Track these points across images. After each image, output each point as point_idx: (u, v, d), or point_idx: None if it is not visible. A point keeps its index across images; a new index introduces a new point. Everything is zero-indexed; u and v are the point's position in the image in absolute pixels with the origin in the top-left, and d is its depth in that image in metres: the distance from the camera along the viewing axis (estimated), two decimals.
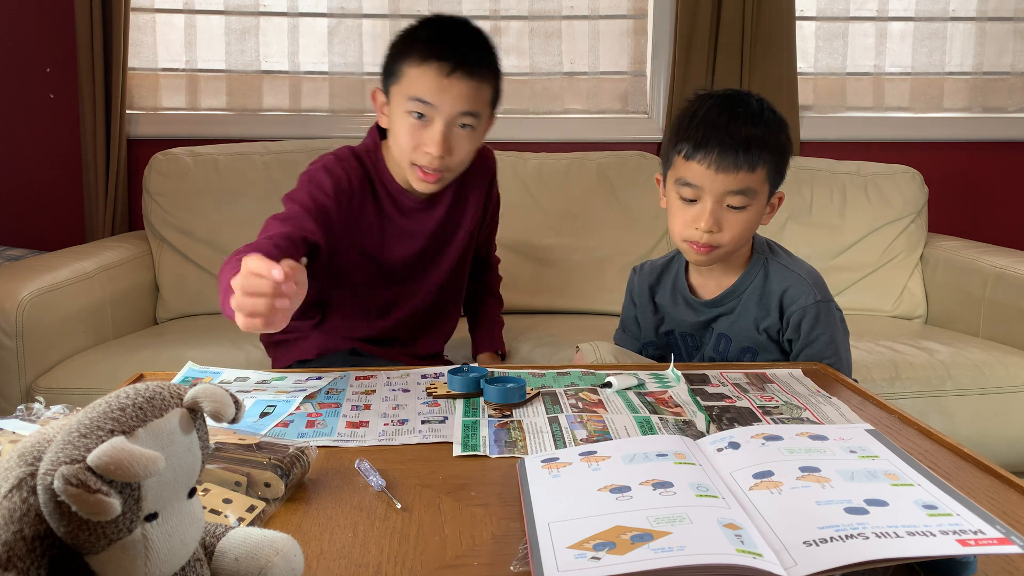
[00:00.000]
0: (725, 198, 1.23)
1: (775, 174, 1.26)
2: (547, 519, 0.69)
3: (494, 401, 1.06)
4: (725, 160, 1.20)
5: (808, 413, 1.04)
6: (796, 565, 0.59)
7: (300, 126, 2.53)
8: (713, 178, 1.22)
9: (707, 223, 1.23)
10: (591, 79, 2.63)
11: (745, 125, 1.22)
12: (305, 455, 0.84)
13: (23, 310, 1.74)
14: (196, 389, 0.55)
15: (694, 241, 1.26)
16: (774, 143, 1.24)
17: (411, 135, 1.31)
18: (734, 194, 1.23)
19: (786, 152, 1.28)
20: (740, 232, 1.25)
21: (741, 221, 1.24)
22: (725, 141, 1.20)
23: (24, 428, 0.86)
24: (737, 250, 1.31)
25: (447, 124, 1.30)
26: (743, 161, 1.20)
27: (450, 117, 1.29)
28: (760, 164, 1.22)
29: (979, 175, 2.73)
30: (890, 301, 2.38)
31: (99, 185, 2.42)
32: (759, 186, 1.24)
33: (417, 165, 1.33)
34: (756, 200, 1.25)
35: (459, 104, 1.29)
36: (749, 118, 1.23)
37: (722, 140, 1.21)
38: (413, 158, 1.33)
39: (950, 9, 2.67)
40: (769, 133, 1.24)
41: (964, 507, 0.65)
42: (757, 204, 1.25)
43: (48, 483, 0.48)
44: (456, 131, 1.31)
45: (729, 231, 1.24)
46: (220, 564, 0.58)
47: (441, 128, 1.29)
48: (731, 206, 1.24)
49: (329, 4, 2.54)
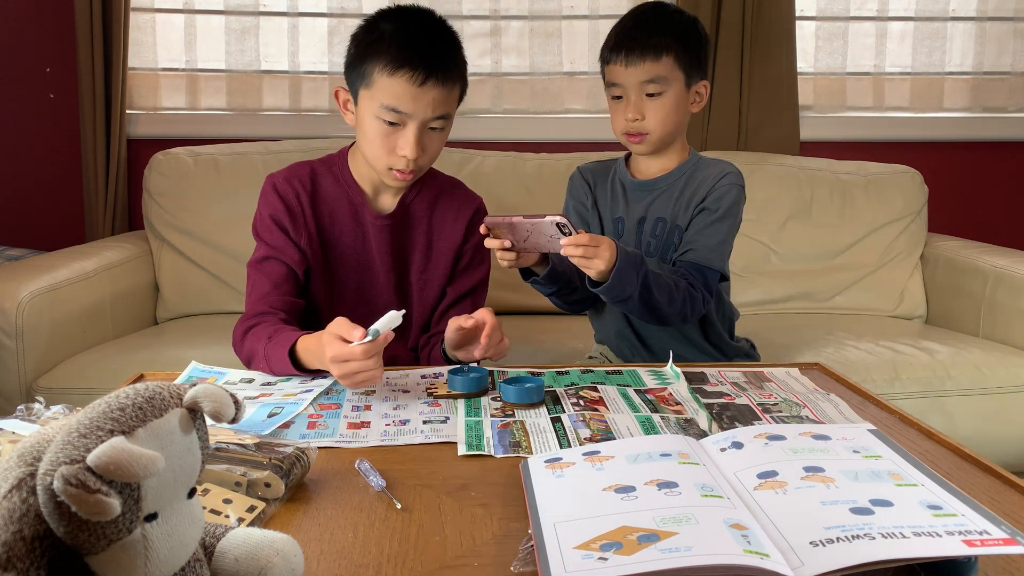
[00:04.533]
0: (642, 88, 1.43)
1: (685, 62, 1.44)
2: (553, 519, 0.69)
3: (512, 401, 1.05)
4: (632, 55, 1.42)
5: (807, 411, 1.04)
6: (803, 565, 0.59)
7: (300, 126, 2.52)
8: (625, 72, 1.43)
9: (632, 112, 1.44)
10: (591, 79, 2.62)
11: (648, 26, 1.44)
12: (305, 455, 0.83)
13: (23, 310, 1.74)
14: (196, 389, 0.54)
15: (627, 132, 1.47)
16: (675, 35, 1.43)
17: (384, 141, 1.32)
18: (646, 83, 1.43)
19: (692, 42, 1.45)
20: (663, 116, 1.44)
21: (661, 106, 1.44)
22: (630, 42, 1.43)
23: (24, 428, 0.85)
24: (667, 136, 1.47)
25: (420, 128, 1.30)
26: (648, 53, 1.41)
27: (423, 122, 1.30)
28: (664, 53, 1.42)
29: (979, 175, 2.73)
30: (890, 301, 2.38)
31: (99, 185, 2.42)
32: (668, 73, 1.43)
33: (391, 168, 1.34)
34: (670, 87, 1.43)
35: (432, 109, 1.30)
36: (653, 21, 1.45)
37: (628, 41, 1.43)
38: (387, 162, 1.33)
39: (950, 9, 2.67)
40: (669, 29, 1.44)
41: (969, 507, 0.65)
42: (672, 90, 1.44)
43: (48, 483, 0.48)
44: (428, 133, 1.33)
45: (651, 117, 1.44)
46: (220, 564, 0.58)
47: (415, 132, 1.30)
48: (648, 94, 1.43)
49: (329, 4, 2.53)
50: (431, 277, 1.46)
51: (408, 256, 1.45)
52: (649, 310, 1.33)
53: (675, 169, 1.50)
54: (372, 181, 1.42)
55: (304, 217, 1.39)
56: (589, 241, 1.21)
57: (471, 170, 2.35)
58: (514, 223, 1.23)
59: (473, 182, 2.27)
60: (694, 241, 1.43)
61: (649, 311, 1.34)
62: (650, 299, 1.31)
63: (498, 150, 2.44)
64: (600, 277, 1.25)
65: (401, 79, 1.27)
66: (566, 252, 1.21)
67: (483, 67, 2.59)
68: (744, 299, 2.34)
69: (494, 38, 2.59)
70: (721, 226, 1.43)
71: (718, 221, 1.43)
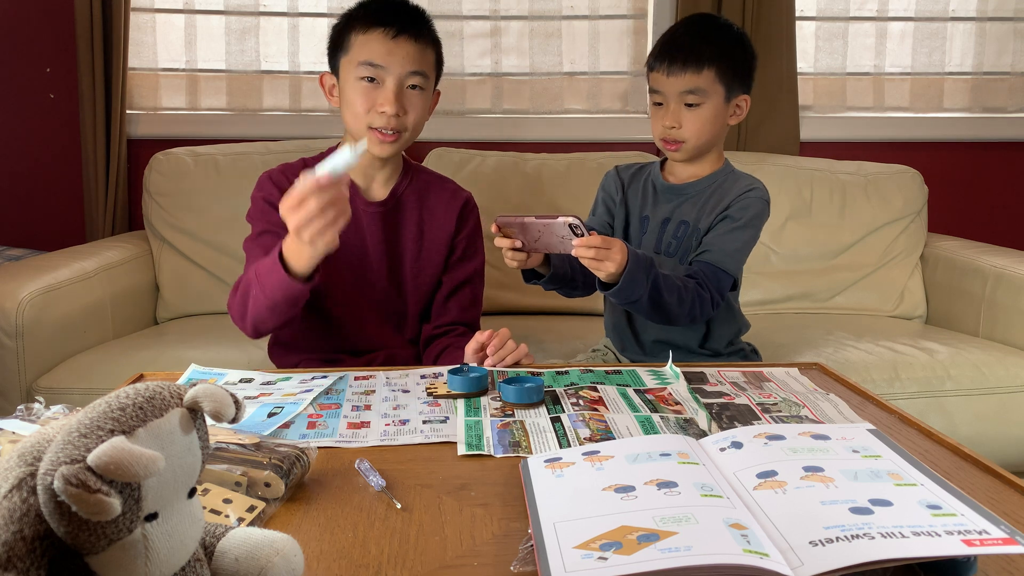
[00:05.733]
0: (681, 97, 1.46)
1: (727, 77, 1.46)
2: (552, 519, 0.69)
3: (512, 401, 1.05)
4: (674, 65, 1.45)
5: (807, 411, 1.04)
6: (803, 565, 0.59)
7: (300, 126, 2.52)
8: (666, 81, 1.46)
9: (670, 120, 1.47)
10: (591, 79, 2.62)
11: (694, 38, 1.46)
12: (305, 455, 0.83)
13: (23, 310, 1.74)
14: (196, 389, 0.54)
15: (664, 138, 1.49)
16: (720, 50, 1.45)
17: (364, 98, 1.36)
18: (686, 93, 1.45)
19: (736, 58, 1.47)
20: (700, 126, 1.46)
21: (699, 117, 1.46)
22: (674, 51, 1.46)
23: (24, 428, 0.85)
24: (702, 146, 1.49)
25: (398, 83, 1.36)
26: (691, 64, 1.44)
27: (400, 77, 1.36)
28: (707, 66, 1.44)
29: (979, 175, 2.73)
30: (890, 301, 2.38)
31: (99, 185, 2.42)
32: (709, 86, 1.45)
33: (374, 128, 1.37)
34: (709, 99, 1.46)
35: (407, 64, 1.35)
36: (700, 33, 1.48)
37: (672, 51, 1.46)
38: (369, 121, 1.37)
39: (950, 9, 2.67)
40: (715, 42, 1.46)
41: (968, 507, 0.65)
42: (711, 102, 1.46)
43: (48, 483, 0.48)
44: (407, 92, 1.37)
45: (688, 126, 1.46)
46: (220, 564, 0.58)
47: (393, 87, 1.35)
48: (687, 104, 1.46)
49: (329, 4, 2.53)
50: (424, 267, 1.49)
51: (401, 245, 1.48)
52: (658, 311, 1.34)
53: (706, 177, 1.52)
54: (363, 173, 1.45)
55: None
56: (601, 243, 1.21)
57: (471, 170, 2.35)
58: (526, 223, 1.23)
59: (473, 182, 2.30)
60: (712, 244, 1.45)
61: (658, 312, 1.34)
62: (659, 301, 1.32)
63: (498, 150, 2.44)
64: (611, 279, 1.26)
65: (375, 33, 1.36)
66: (577, 253, 1.21)
67: (483, 67, 2.59)
68: (744, 299, 2.32)
69: (494, 38, 2.59)
70: (742, 234, 1.45)
71: (739, 229, 1.45)
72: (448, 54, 1.53)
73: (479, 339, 1.24)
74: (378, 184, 1.47)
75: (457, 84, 2.58)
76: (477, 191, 1.61)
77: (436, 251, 1.49)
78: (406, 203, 1.48)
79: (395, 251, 1.47)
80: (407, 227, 1.48)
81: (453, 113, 2.59)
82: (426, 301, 1.51)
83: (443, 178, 1.56)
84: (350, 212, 1.11)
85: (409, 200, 1.49)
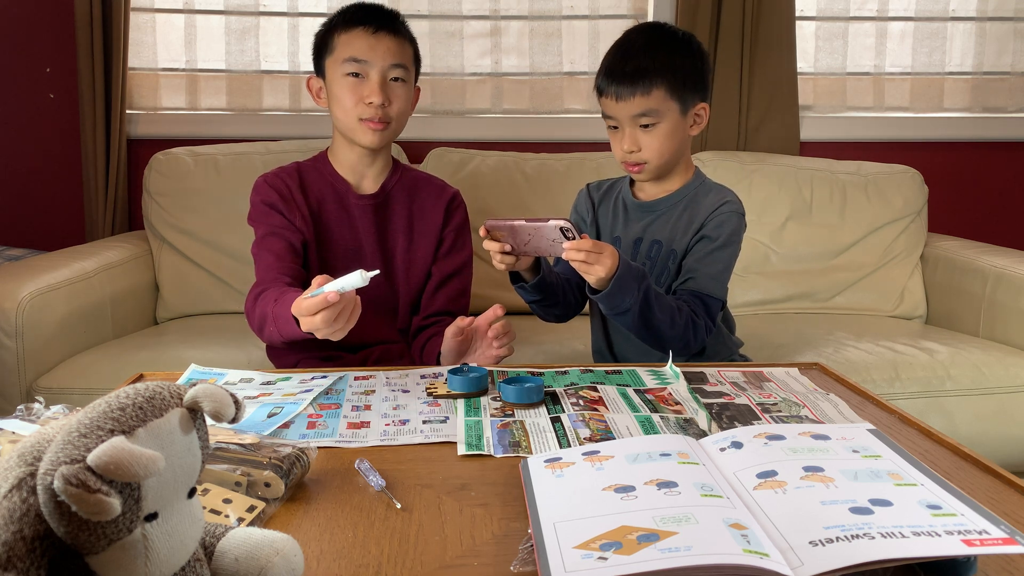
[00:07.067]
0: (635, 120, 1.41)
1: (678, 90, 1.40)
2: (552, 519, 0.69)
3: (512, 401, 1.05)
4: (622, 88, 1.40)
5: (807, 411, 1.04)
6: (803, 565, 0.59)
7: (300, 126, 2.52)
8: (616, 107, 1.41)
9: (628, 144, 1.42)
10: (591, 79, 2.60)
11: (634, 59, 1.40)
12: (305, 455, 0.83)
13: (23, 310, 1.74)
14: (196, 389, 0.54)
15: (626, 162, 1.45)
16: (665, 64, 1.39)
17: (352, 92, 1.45)
18: (638, 116, 1.40)
19: (685, 68, 1.41)
20: (659, 146, 1.42)
21: (656, 137, 1.41)
22: (618, 77, 1.40)
23: (24, 428, 0.85)
24: (665, 164, 1.45)
25: (382, 75, 1.45)
26: (638, 88, 1.39)
27: (383, 69, 1.45)
28: (655, 86, 1.38)
29: (979, 175, 2.73)
30: (890, 301, 2.38)
31: (99, 185, 2.42)
32: (660, 105, 1.40)
33: (364, 120, 1.45)
34: (664, 118, 1.41)
35: (389, 56, 1.45)
36: (644, 49, 1.41)
37: (616, 77, 1.40)
38: (358, 113, 1.45)
39: (950, 9, 2.67)
40: (659, 58, 1.39)
41: (968, 507, 0.65)
42: (667, 120, 1.41)
43: (48, 483, 0.48)
44: (390, 83, 1.46)
45: (648, 148, 1.42)
46: (220, 564, 0.58)
47: (377, 79, 1.44)
48: (642, 126, 1.41)
49: (329, 4, 2.53)
50: (415, 258, 1.55)
51: (392, 237, 1.54)
52: (648, 328, 1.31)
53: (676, 192, 1.48)
54: (353, 169, 1.54)
55: (296, 203, 1.49)
56: (592, 247, 1.20)
57: (471, 170, 2.35)
58: (516, 226, 1.23)
59: (473, 182, 2.30)
60: (695, 270, 1.41)
61: (648, 329, 1.31)
62: (650, 316, 1.29)
63: (498, 150, 2.44)
64: (600, 284, 1.25)
65: (357, 31, 1.45)
66: (568, 256, 1.21)
67: (483, 67, 2.59)
68: (744, 299, 2.34)
69: (494, 38, 2.59)
70: (722, 254, 1.42)
71: (719, 249, 1.42)
72: (448, 54, 1.54)
73: (459, 324, 1.30)
74: (369, 179, 1.55)
75: (457, 84, 2.58)
76: (477, 191, 1.61)
77: (426, 243, 1.56)
78: (396, 197, 1.55)
79: (386, 244, 1.54)
80: (397, 220, 1.55)
81: (453, 113, 2.59)
82: (417, 293, 1.56)
83: (431, 176, 1.64)
84: (359, 312, 1.13)
85: (398, 194, 1.56)
